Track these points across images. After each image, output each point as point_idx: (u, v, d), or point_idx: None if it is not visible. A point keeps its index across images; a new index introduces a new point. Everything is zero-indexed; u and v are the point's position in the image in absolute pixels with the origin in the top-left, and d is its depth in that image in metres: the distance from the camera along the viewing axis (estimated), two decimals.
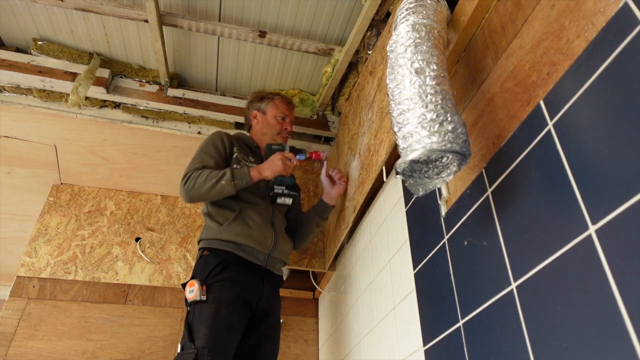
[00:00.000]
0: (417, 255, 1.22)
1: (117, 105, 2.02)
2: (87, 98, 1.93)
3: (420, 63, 0.91)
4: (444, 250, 1.06)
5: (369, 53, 1.79)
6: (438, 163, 0.86)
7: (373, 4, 1.58)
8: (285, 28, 1.85)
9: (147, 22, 1.71)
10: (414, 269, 1.22)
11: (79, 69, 1.88)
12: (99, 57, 1.94)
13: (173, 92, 2.02)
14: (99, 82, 1.87)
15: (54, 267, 2.12)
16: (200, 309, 1.40)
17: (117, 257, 2.21)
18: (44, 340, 1.95)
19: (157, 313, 2.12)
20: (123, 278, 2.16)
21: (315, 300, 2.35)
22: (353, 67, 1.97)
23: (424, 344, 1.09)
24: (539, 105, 0.81)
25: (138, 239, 2.27)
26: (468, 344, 0.90)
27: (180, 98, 2.02)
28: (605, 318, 0.60)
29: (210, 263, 1.50)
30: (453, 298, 0.99)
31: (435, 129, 0.82)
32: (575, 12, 0.76)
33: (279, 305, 1.66)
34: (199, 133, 2.08)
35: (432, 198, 1.18)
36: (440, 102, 0.85)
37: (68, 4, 1.68)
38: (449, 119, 0.83)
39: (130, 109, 2.01)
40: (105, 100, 1.99)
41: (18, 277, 2.08)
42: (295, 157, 1.64)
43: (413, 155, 0.82)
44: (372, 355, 1.50)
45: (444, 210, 1.09)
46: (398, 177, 0.88)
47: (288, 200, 1.64)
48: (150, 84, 2.00)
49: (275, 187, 1.64)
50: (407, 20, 1.00)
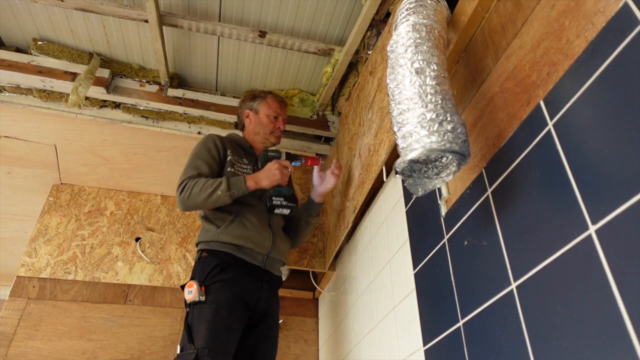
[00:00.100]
0: (417, 255, 1.22)
1: (117, 105, 2.01)
2: (87, 98, 1.93)
3: (421, 63, 0.91)
4: (444, 250, 1.06)
5: (369, 53, 1.79)
6: (437, 163, 0.86)
7: (373, 4, 1.58)
8: (285, 28, 1.85)
9: (147, 22, 1.71)
10: (414, 269, 1.22)
11: (79, 69, 1.88)
12: (99, 57, 1.94)
13: (173, 92, 2.02)
14: (99, 82, 1.88)
15: (54, 267, 2.12)
16: (200, 310, 1.40)
17: (117, 257, 2.21)
18: (44, 340, 1.95)
19: (157, 313, 2.12)
20: (123, 278, 2.16)
21: (315, 300, 2.35)
22: (353, 67, 1.97)
23: (424, 344, 1.09)
24: (539, 105, 0.81)
25: (138, 239, 2.27)
26: (468, 344, 0.90)
27: (180, 98, 2.02)
28: (605, 318, 0.60)
29: (209, 264, 1.50)
30: (453, 298, 0.99)
31: (435, 129, 0.82)
32: (575, 12, 0.76)
33: (278, 306, 1.66)
34: (199, 133, 2.08)
35: (432, 198, 1.18)
36: (440, 102, 0.85)
37: (68, 4, 1.68)
38: (449, 119, 0.83)
39: (130, 109, 2.01)
40: (105, 100, 1.99)
41: (18, 277, 2.08)
42: (291, 164, 1.62)
43: (412, 155, 0.82)
44: (372, 355, 1.49)
45: (444, 210, 1.09)
46: (398, 177, 0.88)
47: (286, 211, 1.62)
48: (150, 84, 2.01)
49: (274, 198, 1.61)
50: (407, 21, 1.00)
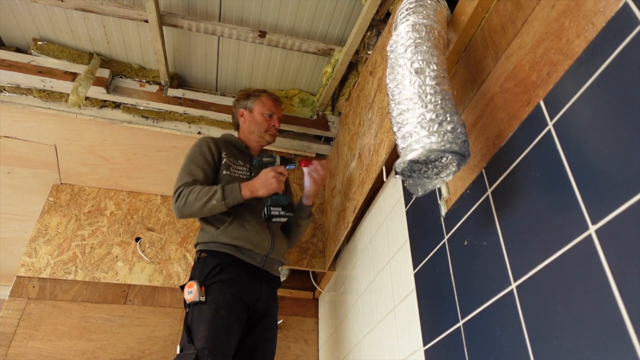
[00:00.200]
0: (417, 255, 1.22)
1: (117, 106, 2.01)
2: (87, 98, 1.93)
3: (420, 63, 0.91)
4: (444, 250, 1.06)
5: (369, 53, 1.79)
6: (437, 163, 0.86)
7: (373, 4, 1.58)
8: (285, 28, 1.85)
9: (147, 22, 1.71)
10: (414, 269, 1.22)
11: (79, 69, 1.88)
12: (99, 57, 1.94)
13: (173, 92, 2.02)
14: (99, 82, 1.87)
15: (54, 267, 2.12)
16: (199, 310, 1.40)
17: (117, 257, 2.21)
18: (44, 340, 1.95)
19: (157, 313, 2.12)
20: (123, 278, 2.15)
21: (315, 300, 2.35)
22: (353, 67, 1.97)
23: (424, 344, 1.09)
24: (539, 105, 0.81)
25: (138, 239, 2.27)
26: (468, 344, 0.90)
27: (180, 98, 2.02)
28: (605, 318, 0.60)
29: (209, 264, 1.50)
30: (453, 298, 0.99)
31: (435, 129, 0.82)
32: (575, 12, 0.76)
33: (277, 307, 1.66)
34: (199, 133, 2.08)
35: (432, 198, 1.18)
36: (440, 102, 0.85)
37: (68, 4, 1.68)
38: (449, 119, 0.83)
39: (130, 109, 2.01)
40: (105, 101, 1.99)
41: (18, 277, 2.08)
42: (286, 168, 1.60)
43: (412, 155, 0.82)
44: (372, 355, 1.49)
45: (444, 210, 1.09)
46: (397, 177, 0.88)
47: (283, 219, 1.60)
48: (150, 84, 2.00)
49: (272, 209, 1.57)
50: (407, 21, 1.00)
